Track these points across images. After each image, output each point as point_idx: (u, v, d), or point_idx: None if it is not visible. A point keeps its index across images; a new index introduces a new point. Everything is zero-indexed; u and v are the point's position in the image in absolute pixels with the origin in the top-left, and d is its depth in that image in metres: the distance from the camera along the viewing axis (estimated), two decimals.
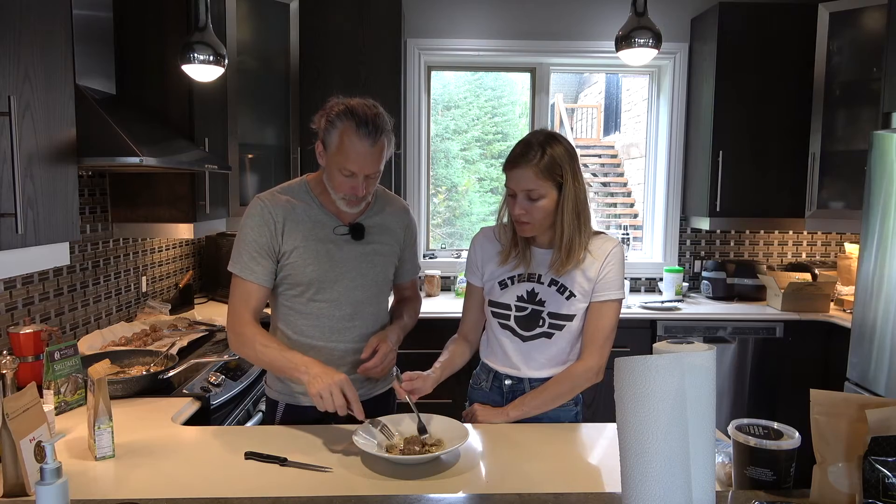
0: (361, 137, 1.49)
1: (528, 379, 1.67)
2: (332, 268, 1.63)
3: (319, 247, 1.63)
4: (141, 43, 2.50)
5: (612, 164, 8.46)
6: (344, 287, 1.65)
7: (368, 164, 1.52)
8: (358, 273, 1.67)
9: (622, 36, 2.72)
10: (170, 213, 2.59)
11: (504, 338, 1.67)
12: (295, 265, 1.61)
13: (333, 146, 1.52)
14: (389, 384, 1.80)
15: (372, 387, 1.75)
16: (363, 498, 1.19)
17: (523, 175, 1.53)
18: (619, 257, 1.62)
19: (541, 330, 1.63)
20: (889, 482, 0.99)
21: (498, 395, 1.71)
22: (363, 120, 1.49)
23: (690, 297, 3.74)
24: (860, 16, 3.25)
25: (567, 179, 1.54)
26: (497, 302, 1.68)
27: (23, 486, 1.18)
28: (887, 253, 2.56)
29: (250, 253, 1.60)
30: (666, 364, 0.95)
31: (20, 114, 1.45)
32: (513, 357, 1.67)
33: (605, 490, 1.24)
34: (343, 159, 1.51)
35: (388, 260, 1.74)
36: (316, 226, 1.64)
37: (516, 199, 1.56)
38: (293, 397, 1.69)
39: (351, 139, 1.49)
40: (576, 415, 1.71)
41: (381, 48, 3.36)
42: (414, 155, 3.82)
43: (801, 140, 3.46)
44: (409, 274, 1.86)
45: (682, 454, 0.96)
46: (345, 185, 1.55)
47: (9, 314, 2.02)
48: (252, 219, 1.61)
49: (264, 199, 1.63)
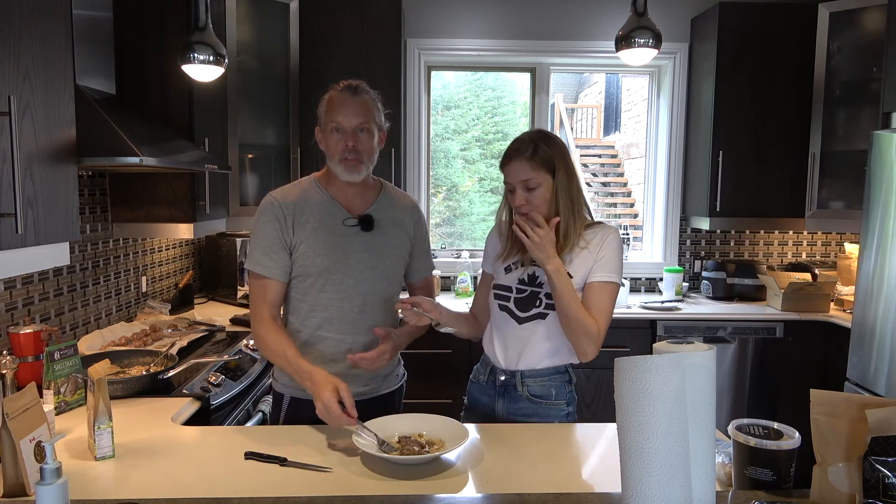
0: (343, 92, 1.64)
1: (520, 372, 1.69)
2: (342, 259, 1.66)
3: (329, 238, 1.66)
4: (141, 43, 2.50)
5: (612, 164, 8.46)
6: (353, 279, 1.67)
7: (352, 113, 1.62)
8: (367, 265, 1.69)
9: (622, 36, 2.72)
10: (170, 213, 2.59)
11: (502, 320, 1.72)
12: (305, 256, 1.64)
13: (323, 113, 1.66)
14: (395, 385, 1.83)
15: (377, 386, 1.76)
16: (363, 498, 1.19)
17: (519, 167, 1.62)
18: (616, 243, 1.65)
19: (537, 311, 1.66)
20: (889, 482, 0.99)
21: (492, 388, 1.76)
22: (345, 85, 1.66)
23: (690, 297, 3.74)
24: (860, 16, 3.25)
25: (560, 168, 1.62)
26: (500, 284, 1.75)
27: (23, 486, 1.18)
28: (887, 253, 2.56)
29: (263, 249, 1.64)
30: (666, 364, 0.95)
31: (20, 114, 1.45)
32: (507, 342, 1.70)
33: (605, 490, 1.24)
34: (331, 116, 1.63)
35: (397, 253, 1.76)
36: (325, 217, 1.67)
37: (515, 193, 1.64)
38: (299, 391, 1.69)
39: (335, 98, 1.65)
40: (567, 415, 1.73)
41: (381, 48, 3.36)
42: (414, 155, 3.82)
43: (801, 140, 3.46)
44: (421, 272, 1.87)
45: (682, 454, 0.96)
46: (338, 143, 1.62)
47: (9, 314, 2.02)
48: (263, 215, 1.66)
49: (274, 195, 1.69)
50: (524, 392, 1.69)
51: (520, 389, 1.70)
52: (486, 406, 1.76)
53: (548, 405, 1.70)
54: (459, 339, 1.92)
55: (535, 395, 1.69)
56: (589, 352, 1.62)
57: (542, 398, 1.69)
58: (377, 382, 1.76)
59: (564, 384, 1.72)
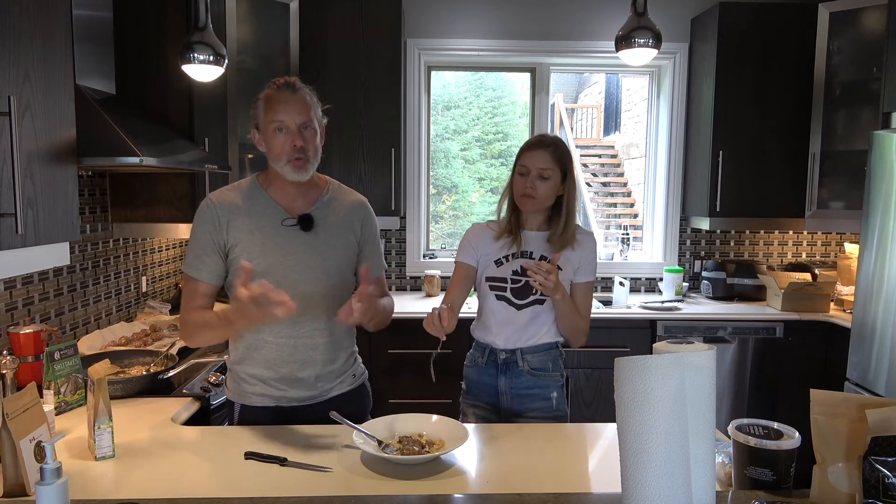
0: (281, 90, 1.60)
1: (519, 350, 1.85)
2: (280, 260, 1.63)
3: (266, 239, 1.63)
4: (141, 43, 2.50)
5: (612, 164, 8.46)
6: (292, 280, 1.61)
7: (294, 111, 1.58)
8: (306, 265, 1.64)
9: (622, 36, 2.72)
10: (170, 213, 2.59)
11: (499, 309, 1.86)
12: (241, 258, 1.59)
13: (261, 114, 1.61)
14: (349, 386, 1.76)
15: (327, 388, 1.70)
16: (363, 498, 1.19)
17: (542, 156, 1.81)
18: (595, 247, 1.92)
19: (534, 298, 1.85)
20: (889, 482, 0.99)
21: (493, 367, 1.89)
22: (280, 83, 1.61)
23: (690, 297, 3.74)
24: (860, 16, 3.25)
25: (570, 172, 1.85)
26: (494, 276, 1.88)
27: (23, 486, 1.18)
28: (887, 253, 2.56)
29: (196, 251, 1.63)
30: (666, 364, 0.95)
31: (20, 114, 1.45)
32: (507, 327, 1.86)
33: (605, 490, 1.24)
34: (272, 115, 1.59)
35: (341, 254, 1.70)
36: (263, 218, 1.64)
37: (526, 178, 1.81)
38: (246, 397, 1.68)
39: (273, 97, 1.60)
40: (562, 386, 1.91)
41: (381, 48, 3.36)
42: (414, 155, 3.82)
43: (801, 140, 3.46)
44: (372, 271, 1.76)
45: (682, 454, 0.96)
46: (284, 144, 1.59)
47: (9, 314, 2.02)
48: (198, 218, 1.65)
49: (211, 197, 1.67)
50: (525, 367, 1.86)
51: (521, 364, 1.86)
52: (487, 385, 1.90)
53: (546, 376, 1.87)
54: (459, 340, 1.92)
55: (534, 369, 1.87)
56: (582, 342, 1.89)
57: (541, 370, 1.87)
58: (327, 384, 1.70)
59: (558, 357, 1.92)
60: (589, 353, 3.18)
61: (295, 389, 1.66)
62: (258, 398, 1.67)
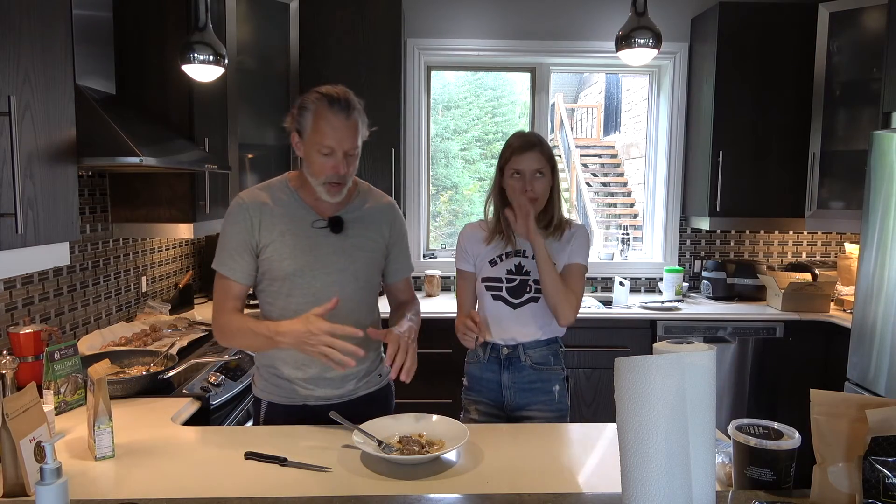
0: (336, 112, 1.54)
1: (521, 344, 1.88)
2: (310, 262, 1.63)
3: (297, 241, 1.62)
4: (141, 43, 2.50)
5: (612, 164, 8.47)
6: (321, 282, 1.63)
7: (345, 138, 1.55)
8: (336, 268, 1.65)
9: (622, 36, 2.72)
10: (170, 213, 2.59)
11: (497, 308, 1.89)
12: (272, 259, 1.61)
13: (309, 128, 1.56)
14: (375, 386, 1.76)
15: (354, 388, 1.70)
16: (363, 498, 1.19)
17: (535, 156, 1.83)
18: (586, 235, 1.94)
19: (529, 296, 1.88)
20: (889, 482, 0.99)
21: (495, 363, 1.91)
22: (335, 98, 1.55)
23: (690, 297, 3.74)
24: (860, 16, 3.25)
25: (556, 165, 1.90)
26: (489, 277, 1.91)
27: (23, 486, 1.18)
28: (887, 253, 2.56)
29: (229, 251, 1.63)
30: (666, 364, 0.95)
31: (20, 114, 1.45)
32: (506, 324, 1.88)
33: (605, 490, 1.24)
34: (320, 137, 1.54)
35: (370, 256, 1.71)
36: (294, 220, 1.64)
37: (524, 180, 1.83)
38: (273, 396, 1.69)
39: (325, 116, 1.54)
40: (564, 378, 1.93)
41: (381, 48, 3.36)
42: (414, 155, 3.82)
43: (801, 140, 3.46)
44: (400, 273, 1.82)
45: (682, 454, 0.96)
46: (325, 167, 1.56)
47: (9, 314, 2.02)
48: (230, 217, 1.64)
49: (242, 196, 1.66)
50: (527, 361, 1.88)
51: (523, 359, 1.88)
52: (490, 381, 1.91)
53: (548, 370, 1.90)
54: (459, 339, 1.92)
55: (536, 363, 1.89)
56: (569, 315, 1.82)
57: (543, 364, 1.89)
58: (354, 385, 1.70)
59: (559, 351, 1.95)
60: (589, 353, 3.19)
61: (322, 389, 1.67)
62: (285, 397, 1.67)
